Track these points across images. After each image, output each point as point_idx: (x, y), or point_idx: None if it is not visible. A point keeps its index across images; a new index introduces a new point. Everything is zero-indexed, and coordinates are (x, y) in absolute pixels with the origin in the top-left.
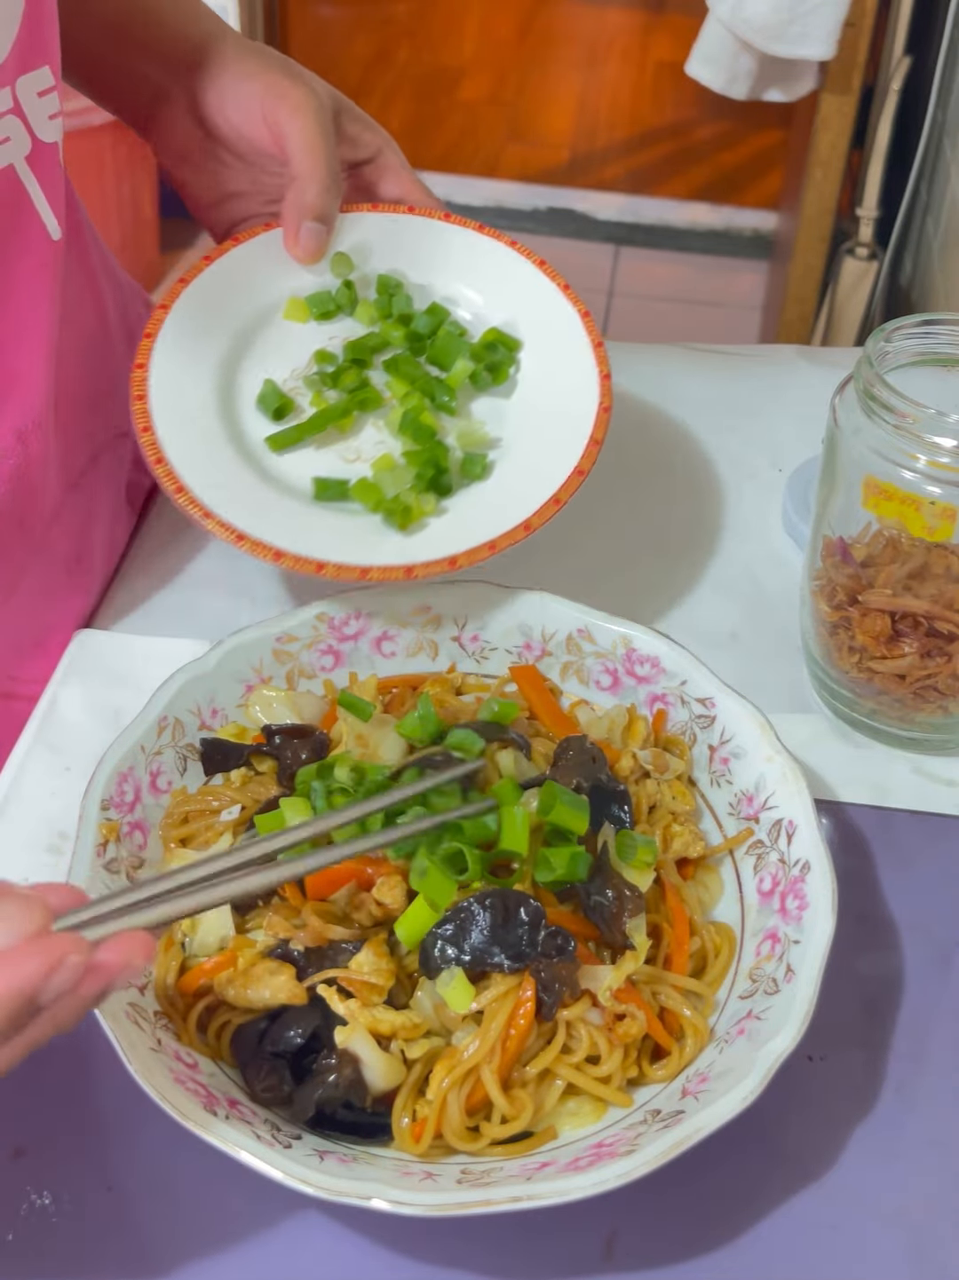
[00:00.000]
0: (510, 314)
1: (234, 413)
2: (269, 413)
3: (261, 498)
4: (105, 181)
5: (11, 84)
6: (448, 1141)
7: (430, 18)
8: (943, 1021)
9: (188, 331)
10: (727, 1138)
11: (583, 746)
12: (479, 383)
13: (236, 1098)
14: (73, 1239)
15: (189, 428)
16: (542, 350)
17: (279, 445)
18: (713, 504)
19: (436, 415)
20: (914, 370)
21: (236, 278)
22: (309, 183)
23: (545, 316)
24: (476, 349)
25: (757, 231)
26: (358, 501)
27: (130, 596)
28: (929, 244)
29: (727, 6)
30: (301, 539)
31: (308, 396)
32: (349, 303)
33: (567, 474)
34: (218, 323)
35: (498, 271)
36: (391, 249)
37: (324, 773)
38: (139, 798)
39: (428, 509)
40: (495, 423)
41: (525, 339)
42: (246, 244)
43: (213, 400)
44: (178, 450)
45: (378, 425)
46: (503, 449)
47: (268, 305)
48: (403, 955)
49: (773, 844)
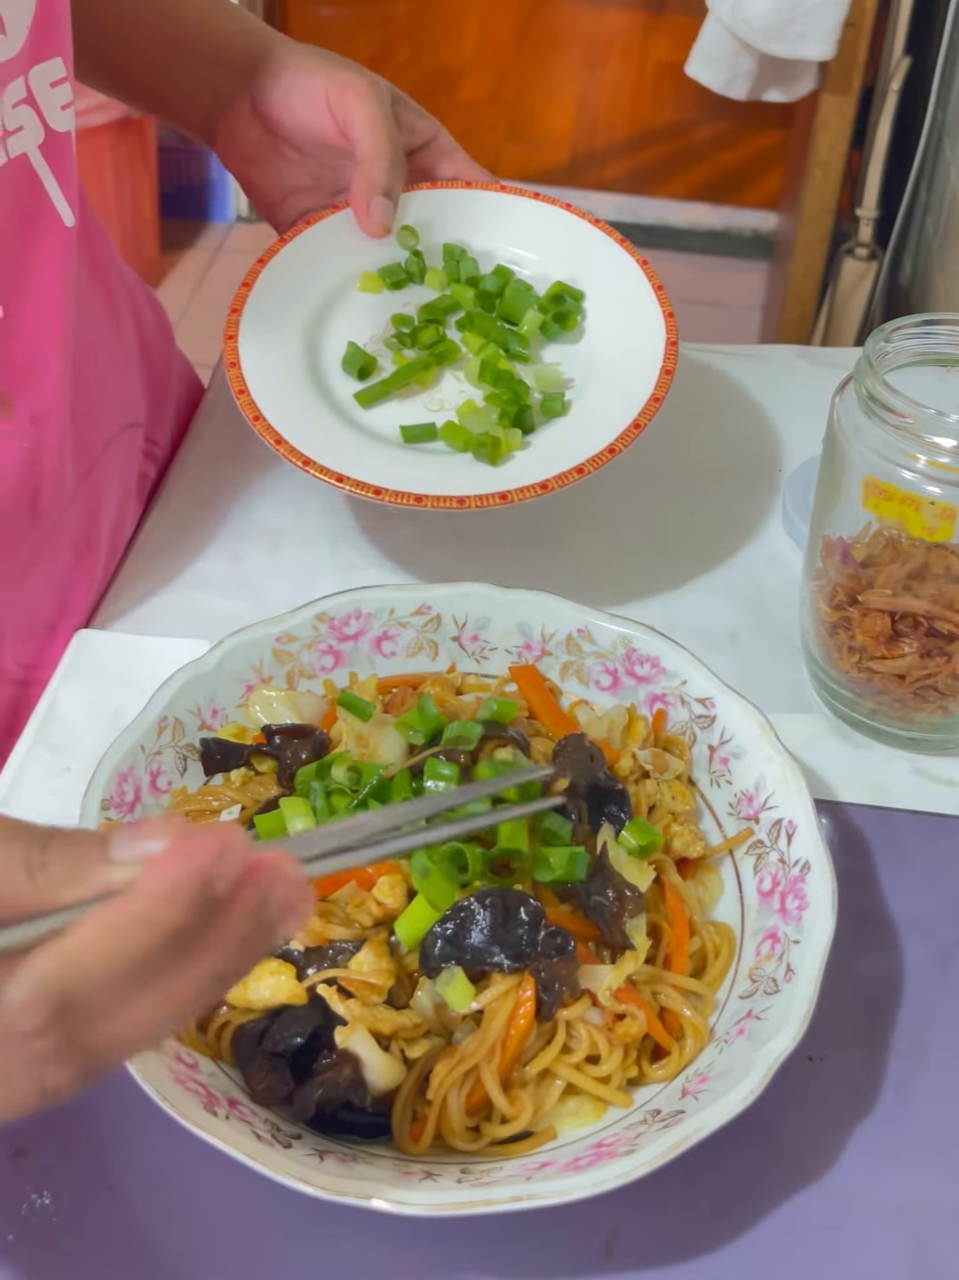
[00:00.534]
0: (572, 269)
1: (321, 375)
2: (354, 372)
3: (355, 446)
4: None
5: (25, 74)
6: (448, 1141)
7: (430, 18)
8: (943, 1021)
9: (270, 305)
10: (727, 1138)
11: (581, 745)
12: (549, 332)
13: (236, 1098)
14: (73, 1239)
15: (280, 389)
16: (605, 298)
17: (367, 400)
18: (713, 504)
19: (512, 363)
20: (914, 370)
21: (311, 255)
22: (376, 161)
23: (605, 268)
24: (543, 302)
25: (756, 232)
26: (446, 443)
27: (131, 596)
28: (929, 244)
29: (727, 7)
30: (398, 478)
31: (389, 356)
32: (419, 271)
33: (644, 401)
34: (297, 296)
35: (556, 232)
36: (453, 220)
37: (324, 773)
38: (139, 798)
39: (514, 442)
40: (568, 365)
41: (588, 290)
42: (317, 225)
43: (300, 364)
44: (273, 408)
45: (457, 377)
46: (578, 388)
47: (342, 280)
48: (403, 955)
49: (773, 844)
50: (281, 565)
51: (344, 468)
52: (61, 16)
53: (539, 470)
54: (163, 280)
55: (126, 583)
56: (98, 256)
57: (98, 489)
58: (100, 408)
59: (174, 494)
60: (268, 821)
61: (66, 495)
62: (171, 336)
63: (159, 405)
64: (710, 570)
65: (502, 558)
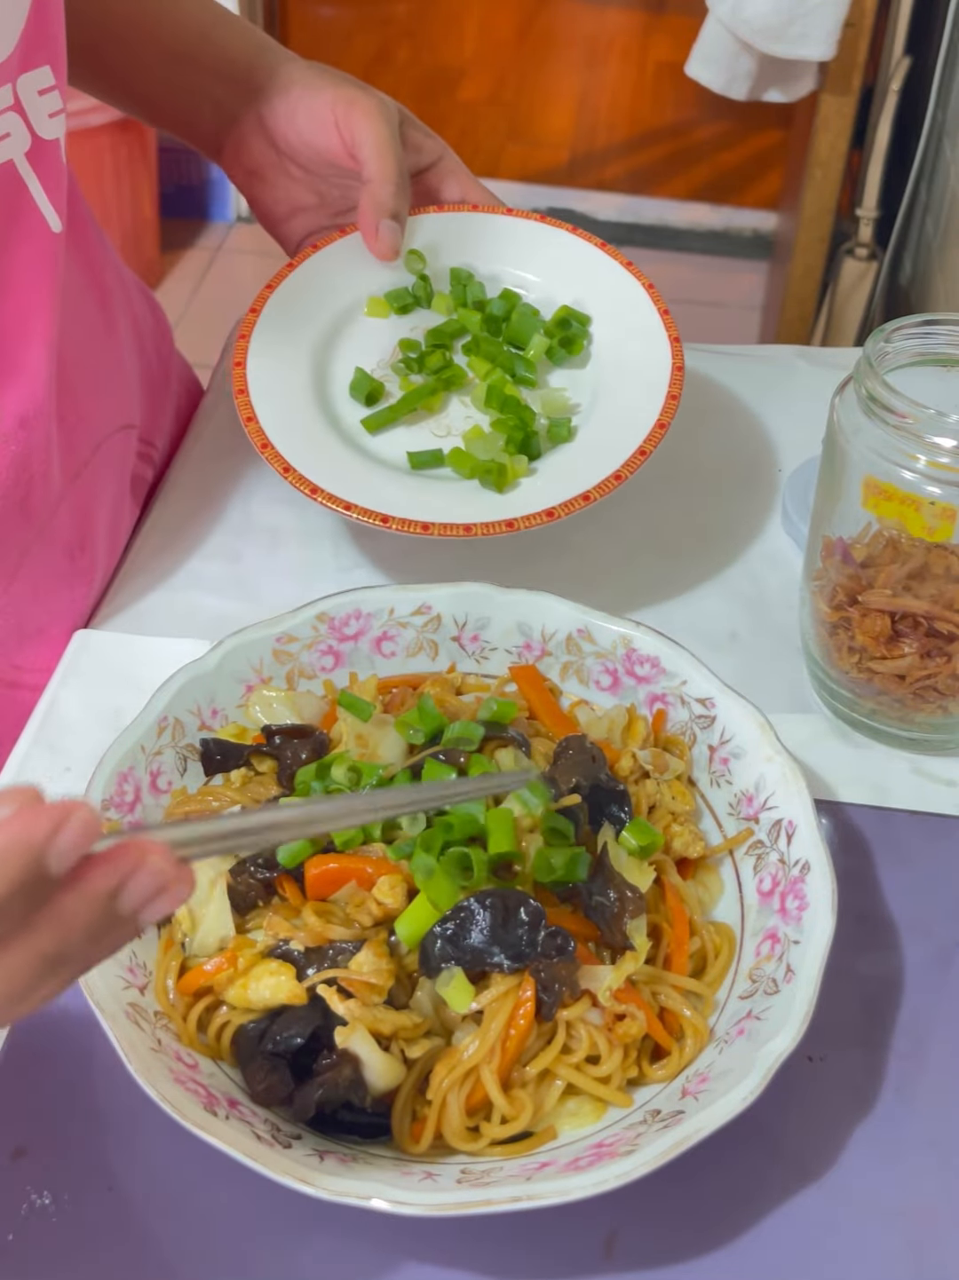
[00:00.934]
0: (578, 293)
1: (329, 401)
2: (361, 398)
3: (363, 473)
4: (105, 181)
5: (13, 81)
6: (448, 1141)
7: (430, 18)
8: (943, 1021)
9: (278, 331)
10: (727, 1138)
11: (583, 746)
12: (555, 357)
13: (236, 1098)
14: (73, 1239)
15: (289, 416)
16: (611, 322)
17: (374, 426)
18: (713, 504)
19: (518, 388)
20: (914, 370)
21: (318, 281)
22: (383, 183)
23: (612, 292)
24: (549, 326)
25: (756, 232)
26: (453, 469)
27: (131, 596)
28: (929, 244)
29: (727, 7)
30: (405, 505)
31: (396, 382)
32: (426, 295)
33: (649, 427)
34: (305, 321)
35: (562, 256)
36: (459, 244)
37: (324, 773)
38: (139, 798)
39: (520, 469)
40: (575, 390)
41: (594, 313)
42: (324, 250)
43: (308, 390)
44: (281, 436)
45: (464, 402)
46: (584, 414)
47: (349, 304)
48: (403, 955)
49: (773, 844)
50: (281, 565)
51: (351, 495)
52: (53, 26)
53: (546, 497)
54: (163, 280)
55: (126, 582)
56: (92, 259)
57: (89, 490)
58: (90, 410)
59: (173, 494)
60: None
61: (55, 497)
62: (170, 339)
63: (156, 407)
64: (710, 570)
65: (502, 557)
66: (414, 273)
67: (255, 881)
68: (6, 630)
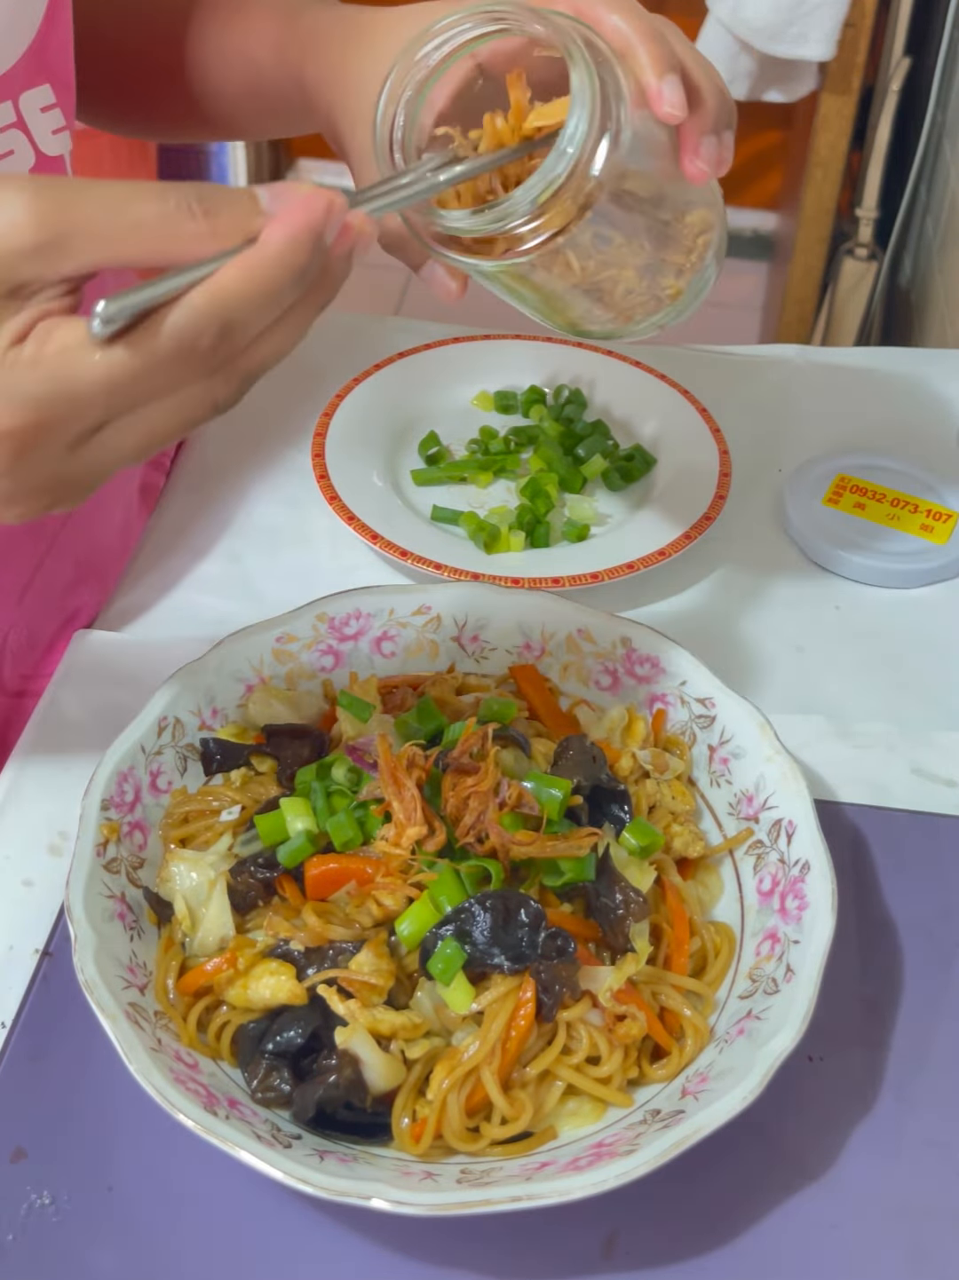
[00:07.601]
0: (657, 432)
1: (394, 454)
2: (424, 455)
3: (394, 514)
4: None
5: (15, 98)
6: (448, 1142)
7: None
8: (943, 1021)
9: (382, 390)
10: (727, 1138)
11: (583, 746)
12: (610, 482)
13: (236, 1098)
14: (73, 1239)
15: (353, 460)
16: (675, 464)
17: (421, 479)
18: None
19: (560, 493)
20: None
21: (441, 370)
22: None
23: (684, 437)
24: (615, 455)
25: (756, 232)
26: (465, 529)
27: (131, 597)
28: (929, 244)
29: (726, 7)
30: (421, 545)
31: (462, 455)
32: (527, 405)
33: (648, 551)
34: (414, 391)
35: (656, 400)
36: (585, 381)
37: (324, 773)
38: (139, 798)
39: (514, 544)
40: (607, 502)
41: (662, 457)
42: (479, 342)
43: (383, 434)
44: (340, 474)
45: (509, 489)
46: (606, 529)
47: (463, 390)
48: (403, 955)
49: (773, 844)
50: (281, 565)
51: (381, 529)
52: (60, 45)
53: (520, 569)
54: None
55: (127, 583)
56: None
57: (97, 501)
58: None
59: (174, 495)
60: (268, 821)
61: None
62: None
63: None
64: (710, 570)
65: None
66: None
67: (255, 881)
68: (19, 642)
